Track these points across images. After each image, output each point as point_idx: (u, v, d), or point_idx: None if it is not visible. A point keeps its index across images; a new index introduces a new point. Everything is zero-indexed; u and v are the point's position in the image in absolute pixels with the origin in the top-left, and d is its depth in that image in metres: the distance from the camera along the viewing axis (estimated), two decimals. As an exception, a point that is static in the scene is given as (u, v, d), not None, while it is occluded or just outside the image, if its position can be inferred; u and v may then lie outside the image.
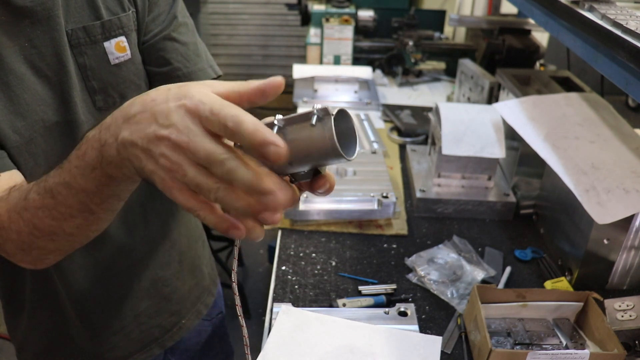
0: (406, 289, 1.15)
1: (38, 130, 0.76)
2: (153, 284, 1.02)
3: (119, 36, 0.82)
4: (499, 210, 1.40)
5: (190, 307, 1.13)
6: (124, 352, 1.01)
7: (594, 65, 0.94)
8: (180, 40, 0.92)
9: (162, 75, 0.90)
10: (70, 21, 0.77)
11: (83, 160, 0.56)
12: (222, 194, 0.45)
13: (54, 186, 0.60)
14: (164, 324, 1.06)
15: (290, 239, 1.30)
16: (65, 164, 0.59)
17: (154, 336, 1.05)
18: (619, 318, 1.02)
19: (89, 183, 0.56)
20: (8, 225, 0.66)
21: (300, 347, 0.98)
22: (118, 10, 0.83)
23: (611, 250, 1.11)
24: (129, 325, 0.99)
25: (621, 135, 1.19)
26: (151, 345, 1.05)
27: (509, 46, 2.07)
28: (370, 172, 1.44)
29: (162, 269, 1.03)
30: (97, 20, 0.80)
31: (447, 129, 1.36)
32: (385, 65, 2.37)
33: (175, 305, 1.07)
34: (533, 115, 1.29)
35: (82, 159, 0.56)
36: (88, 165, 0.55)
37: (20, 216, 0.64)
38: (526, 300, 1.04)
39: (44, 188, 0.62)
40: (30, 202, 0.63)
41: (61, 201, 0.60)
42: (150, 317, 1.03)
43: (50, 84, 0.76)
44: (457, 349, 1.01)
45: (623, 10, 0.92)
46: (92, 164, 0.55)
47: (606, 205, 1.02)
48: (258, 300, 2.58)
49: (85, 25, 0.78)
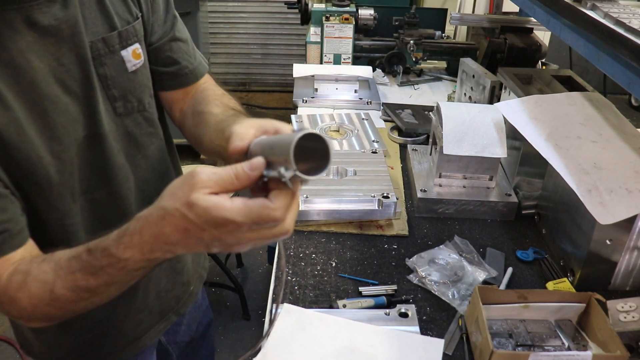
0: (407, 290, 1.15)
1: (72, 149, 0.78)
2: (169, 262, 1.07)
3: (134, 44, 0.85)
4: (500, 210, 1.39)
5: (194, 274, 1.19)
6: (148, 325, 1.07)
7: (597, 64, 0.93)
8: (182, 39, 0.97)
9: (170, 74, 0.95)
10: (89, 33, 0.78)
11: (122, 269, 0.65)
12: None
13: (87, 285, 0.67)
14: (177, 294, 1.13)
15: (290, 239, 1.29)
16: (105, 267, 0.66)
17: (171, 306, 1.12)
18: (621, 319, 1.02)
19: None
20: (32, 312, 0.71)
21: (301, 346, 0.98)
22: (128, 17, 0.84)
23: (614, 251, 1.10)
24: (152, 302, 1.06)
25: (624, 134, 1.18)
26: (169, 314, 1.12)
27: (510, 45, 2.06)
28: (370, 172, 1.43)
29: None
30: (113, 30, 0.82)
31: (448, 128, 1.35)
32: (385, 64, 2.36)
33: (185, 276, 1.15)
34: (535, 115, 1.28)
35: (120, 269, 0.65)
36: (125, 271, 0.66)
37: (49, 311, 0.71)
38: (528, 301, 1.03)
39: (74, 286, 0.68)
40: (59, 298, 0.69)
41: (95, 295, 0.69)
42: (167, 291, 1.10)
43: (78, 100, 0.78)
44: (458, 351, 1.00)
45: (626, 8, 0.91)
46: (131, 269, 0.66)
47: (609, 205, 1.01)
48: (258, 300, 2.57)
49: (104, 37, 0.80)
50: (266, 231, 0.58)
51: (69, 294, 0.68)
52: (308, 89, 2.11)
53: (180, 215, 0.58)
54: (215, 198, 0.57)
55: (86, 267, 0.66)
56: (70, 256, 0.69)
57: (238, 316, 2.50)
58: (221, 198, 0.57)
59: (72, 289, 0.68)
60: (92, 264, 0.66)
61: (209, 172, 0.59)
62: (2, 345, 2.33)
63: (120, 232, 0.65)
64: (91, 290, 0.68)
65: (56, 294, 0.68)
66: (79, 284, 0.67)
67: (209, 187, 0.58)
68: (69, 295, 0.68)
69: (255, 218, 0.56)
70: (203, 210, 0.57)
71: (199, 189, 0.57)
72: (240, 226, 0.57)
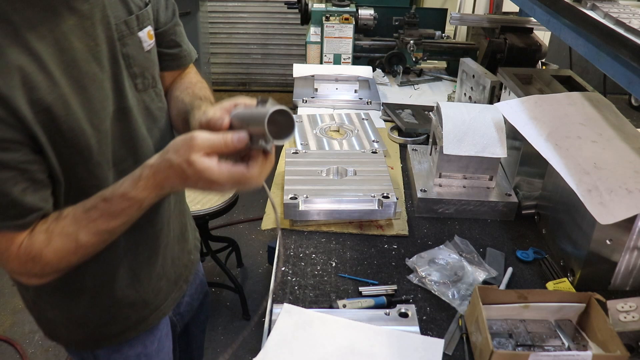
0: (407, 290, 1.15)
1: (107, 122, 0.87)
2: (180, 230, 1.18)
3: (147, 26, 0.94)
4: (500, 210, 1.39)
5: (193, 241, 1.29)
6: (166, 293, 1.14)
7: (597, 64, 0.93)
8: (180, 24, 1.08)
9: (172, 56, 1.06)
10: (112, 17, 0.87)
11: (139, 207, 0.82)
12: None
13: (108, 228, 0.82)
14: (185, 262, 1.22)
15: (290, 239, 1.29)
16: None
17: (182, 273, 1.20)
18: (621, 319, 1.02)
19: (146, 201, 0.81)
20: (66, 266, 0.84)
21: (301, 346, 0.98)
22: (140, 3, 0.93)
23: (614, 251, 1.10)
24: (168, 269, 1.14)
25: (624, 134, 1.18)
26: (180, 282, 1.20)
27: (510, 45, 2.06)
28: (370, 172, 1.43)
29: (183, 215, 1.21)
30: (131, 14, 0.90)
31: (448, 128, 1.35)
32: (385, 64, 2.36)
33: (189, 244, 1.25)
34: (535, 115, 1.28)
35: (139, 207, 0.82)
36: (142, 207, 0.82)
37: (70, 259, 0.83)
38: (528, 301, 1.03)
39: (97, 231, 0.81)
40: (84, 245, 0.82)
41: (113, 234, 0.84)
42: (179, 258, 1.18)
43: (109, 77, 0.86)
44: (458, 351, 1.00)
45: (626, 8, 0.91)
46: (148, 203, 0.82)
47: (609, 205, 1.01)
48: (258, 301, 2.57)
49: (125, 19, 0.89)
50: (242, 186, 0.77)
51: (93, 238, 0.82)
52: (308, 89, 2.11)
53: (181, 169, 0.75)
54: (207, 162, 0.74)
55: (107, 212, 0.81)
56: (85, 209, 0.82)
57: (238, 316, 2.50)
58: (212, 162, 0.75)
59: (96, 233, 0.81)
60: (112, 209, 0.80)
61: (204, 137, 0.75)
62: (2, 345, 2.33)
63: (134, 179, 0.80)
64: (111, 231, 0.83)
65: (81, 241, 0.81)
66: (101, 228, 0.81)
67: (204, 149, 0.74)
68: (93, 239, 0.82)
69: (236, 181, 0.76)
70: (198, 170, 0.74)
71: (196, 151, 0.74)
72: (224, 185, 0.76)
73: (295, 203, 1.30)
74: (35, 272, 0.83)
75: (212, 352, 2.29)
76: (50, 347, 2.30)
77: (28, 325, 2.41)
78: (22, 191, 0.76)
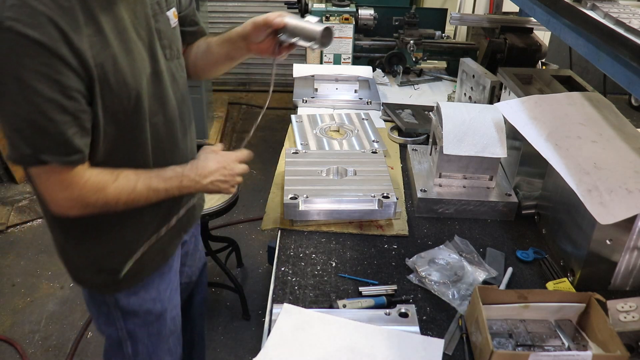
0: (407, 290, 1.15)
1: (144, 81, 1.04)
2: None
3: (173, 7, 1.14)
4: (500, 210, 1.39)
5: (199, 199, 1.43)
6: (170, 239, 1.28)
7: (597, 64, 0.93)
8: (194, 6, 1.29)
9: (192, 33, 1.28)
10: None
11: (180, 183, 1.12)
12: None
13: (154, 187, 1.08)
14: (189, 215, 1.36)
15: (290, 239, 1.29)
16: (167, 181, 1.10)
17: (185, 224, 1.34)
18: (621, 319, 1.02)
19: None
20: (113, 205, 1.04)
21: (301, 346, 0.98)
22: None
23: (614, 251, 1.10)
24: (177, 221, 1.30)
25: (624, 134, 1.18)
26: (181, 232, 1.33)
27: (510, 45, 2.06)
28: (370, 172, 1.43)
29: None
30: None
31: (448, 128, 1.35)
32: (385, 64, 2.37)
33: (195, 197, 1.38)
34: (535, 115, 1.28)
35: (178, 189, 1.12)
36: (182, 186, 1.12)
37: (121, 199, 1.04)
38: (528, 301, 1.03)
39: (149, 186, 1.07)
40: (137, 192, 1.05)
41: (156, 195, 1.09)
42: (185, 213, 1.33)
43: (146, 46, 1.05)
44: (458, 351, 1.01)
45: (626, 8, 0.91)
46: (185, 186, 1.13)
47: (609, 205, 1.01)
48: (258, 301, 2.57)
49: (158, 0, 1.08)
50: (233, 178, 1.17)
51: (144, 191, 1.06)
52: (308, 89, 2.11)
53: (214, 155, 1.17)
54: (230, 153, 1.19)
55: (160, 176, 1.09)
56: (144, 170, 1.08)
57: (238, 316, 2.50)
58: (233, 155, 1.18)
59: (148, 188, 1.06)
60: (165, 175, 1.09)
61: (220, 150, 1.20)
62: (2, 345, 2.33)
63: (183, 167, 1.13)
64: (156, 190, 1.08)
65: (137, 188, 1.05)
66: (153, 185, 1.07)
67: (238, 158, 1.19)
68: (144, 192, 1.06)
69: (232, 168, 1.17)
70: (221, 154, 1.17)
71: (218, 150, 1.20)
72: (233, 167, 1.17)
73: (295, 203, 1.30)
74: (89, 200, 1.01)
75: (212, 352, 2.29)
76: (50, 347, 2.30)
77: (28, 325, 2.41)
78: (73, 134, 0.93)
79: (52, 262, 2.78)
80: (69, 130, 0.92)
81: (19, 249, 2.89)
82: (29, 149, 0.91)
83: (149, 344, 1.30)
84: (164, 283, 1.29)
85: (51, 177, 0.97)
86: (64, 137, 0.92)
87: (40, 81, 0.86)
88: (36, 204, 3.14)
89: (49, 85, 0.87)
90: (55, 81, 0.87)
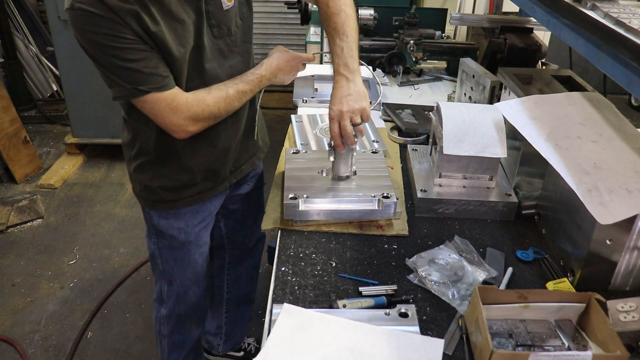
0: (407, 290, 1.15)
1: (187, 51, 1.24)
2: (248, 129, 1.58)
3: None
4: (500, 210, 1.39)
5: (261, 145, 1.71)
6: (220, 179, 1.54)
7: (597, 64, 0.93)
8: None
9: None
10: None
11: (260, 82, 1.39)
12: None
13: (242, 89, 1.34)
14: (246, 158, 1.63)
15: (290, 239, 1.29)
16: (250, 81, 1.37)
17: (252, 153, 1.64)
18: (621, 319, 1.01)
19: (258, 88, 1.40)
20: (217, 112, 1.30)
21: (301, 346, 0.98)
22: None
23: (614, 251, 1.10)
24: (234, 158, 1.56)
25: (624, 134, 1.18)
26: (248, 162, 1.62)
27: (510, 45, 2.06)
28: (370, 172, 1.43)
29: (253, 120, 1.59)
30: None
31: (448, 128, 1.35)
32: (386, 64, 2.36)
33: (257, 141, 1.65)
34: (535, 115, 1.28)
35: (259, 81, 1.39)
36: (262, 83, 1.40)
37: (220, 105, 1.30)
38: (528, 301, 1.03)
39: (237, 90, 1.33)
40: (230, 96, 1.32)
41: (245, 96, 1.36)
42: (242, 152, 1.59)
43: (193, 22, 1.23)
44: (458, 351, 1.00)
45: (626, 8, 0.91)
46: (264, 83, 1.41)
47: (609, 205, 1.01)
48: (258, 301, 2.57)
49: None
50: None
51: (235, 95, 1.32)
52: (308, 89, 2.11)
53: (284, 53, 1.44)
54: (297, 54, 1.45)
55: (244, 80, 1.35)
56: (231, 80, 1.34)
57: (238, 316, 2.50)
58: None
59: (237, 91, 1.33)
60: (247, 78, 1.36)
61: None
62: (2, 345, 2.33)
63: (259, 66, 1.41)
64: (242, 92, 1.34)
65: (229, 93, 1.31)
66: (240, 88, 1.34)
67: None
68: (234, 95, 1.32)
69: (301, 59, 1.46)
70: (289, 52, 1.45)
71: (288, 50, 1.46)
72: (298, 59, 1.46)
73: (295, 203, 1.30)
74: (197, 113, 1.26)
75: (212, 352, 2.29)
76: (50, 347, 2.30)
77: (28, 325, 2.41)
78: (155, 65, 1.18)
79: (52, 262, 2.78)
80: (149, 64, 1.17)
81: (19, 249, 2.89)
82: (129, 85, 1.17)
83: (175, 267, 1.58)
84: (195, 219, 1.52)
85: (158, 105, 1.21)
86: (149, 70, 1.17)
87: (111, 40, 1.11)
88: (36, 204, 3.15)
89: (118, 41, 1.12)
90: (121, 38, 1.12)
